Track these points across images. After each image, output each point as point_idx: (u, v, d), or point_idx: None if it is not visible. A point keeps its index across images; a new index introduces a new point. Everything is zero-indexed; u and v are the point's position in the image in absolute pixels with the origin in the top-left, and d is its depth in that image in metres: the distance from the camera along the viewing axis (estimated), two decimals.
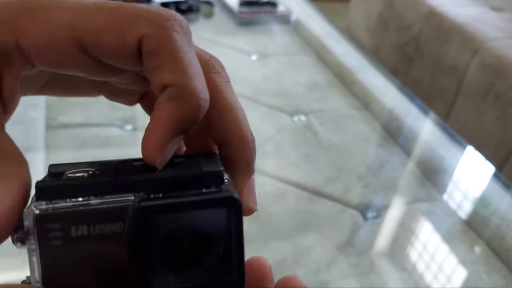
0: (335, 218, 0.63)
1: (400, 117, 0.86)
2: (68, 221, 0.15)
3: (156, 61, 0.16)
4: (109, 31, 0.16)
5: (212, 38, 1.05)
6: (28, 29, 0.16)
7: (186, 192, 0.16)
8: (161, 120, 0.16)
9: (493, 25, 1.55)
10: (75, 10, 0.16)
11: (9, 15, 0.16)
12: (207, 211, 0.16)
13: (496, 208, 0.67)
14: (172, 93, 0.16)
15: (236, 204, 0.16)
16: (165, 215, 0.16)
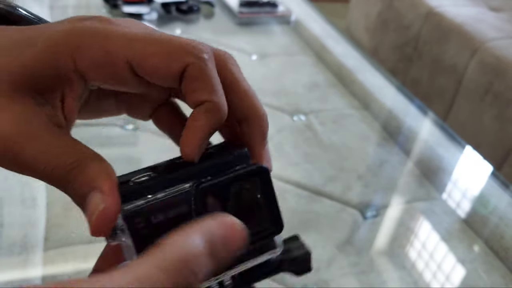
0: (335, 217, 0.63)
1: (399, 117, 0.86)
2: (147, 213, 0.20)
3: (197, 84, 0.21)
4: (157, 57, 0.20)
5: (212, 38, 1.06)
6: (85, 53, 0.20)
7: (226, 171, 0.22)
8: (199, 126, 0.21)
9: (492, 25, 1.55)
10: (125, 37, 0.20)
11: (66, 41, 0.20)
12: (245, 181, 0.22)
13: (495, 207, 0.68)
14: (208, 107, 0.21)
15: (265, 171, 0.22)
16: (217, 191, 0.21)
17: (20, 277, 0.50)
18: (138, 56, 0.20)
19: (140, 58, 0.20)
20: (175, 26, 1.08)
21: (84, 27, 0.20)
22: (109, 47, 0.20)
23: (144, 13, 1.07)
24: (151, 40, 0.21)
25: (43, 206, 0.58)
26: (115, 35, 0.20)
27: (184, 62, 0.21)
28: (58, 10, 1.09)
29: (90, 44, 0.20)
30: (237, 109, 0.23)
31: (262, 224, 0.22)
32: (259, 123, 0.24)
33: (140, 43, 0.20)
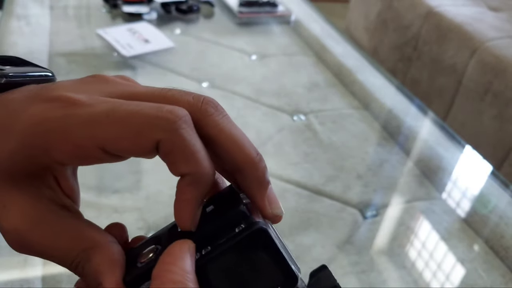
0: (335, 216, 0.63)
1: (399, 116, 0.86)
2: None
3: (172, 158, 0.20)
4: (126, 140, 0.20)
5: (212, 38, 1.06)
6: (56, 151, 0.20)
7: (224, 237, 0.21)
8: (187, 200, 0.21)
9: (491, 25, 1.56)
10: (90, 124, 0.20)
11: (41, 140, 0.20)
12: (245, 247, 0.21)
13: (495, 207, 0.68)
14: (190, 179, 0.21)
15: (262, 232, 0.21)
16: (218, 262, 0.21)
17: (20, 277, 0.50)
18: (107, 141, 0.20)
19: (109, 142, 0.20)
20: (175, 26, 1.08)
21: (49, 123, 0.20)
22: (77, 141, 0.20)
23: (144, 13, 1.07)
24: (117, 121, 0.20)
25: None
26: (80, 125, 0.20)
27: (154, 139, 0.20)
28: (59, 11, 1.09)
29: (59, 143, 0.20)
30: (228, 161, 0.22)
31: (275, 281, 0.21)
32: (253, 172, 0.22)
33: (106, 127, 0.20)
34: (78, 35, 1.00)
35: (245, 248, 0.21)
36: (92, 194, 0.61)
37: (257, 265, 0.21)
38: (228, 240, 0.21)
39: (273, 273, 0.21)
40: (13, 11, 1.04)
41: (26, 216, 0.21)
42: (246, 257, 0.21)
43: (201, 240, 0.21)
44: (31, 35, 0.96)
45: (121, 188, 0.63)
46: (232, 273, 0.21)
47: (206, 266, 0.21)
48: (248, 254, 0.21)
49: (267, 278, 0.21)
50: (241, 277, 0.21)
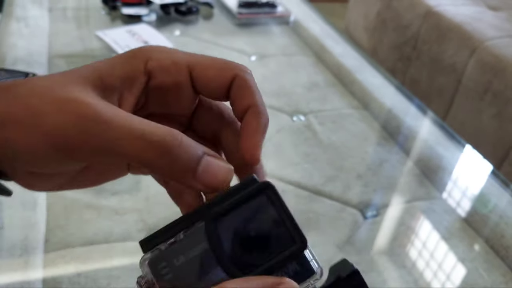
0: (335, 217, 0.63)
1: (399, 116, 0.86)
2: (169, 257, 0.21)
3: (243, 92, 0.25)
4: (212, 69, 0.25)
5: (211, 39, 1.06)
6: (155, 60, 0.24)
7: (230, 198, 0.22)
8: (254, 128, 0.24)
9: (491, 24, 1.56)
10: (186, 54, 0.25)
11: (140, 52, 0.24)
12: (253, 201, 0.22)
13: (495, 206, 0.68)
14: (254, 110, 0.25)
15: (269, 187, 0.22)
16: (225, 219, 0.21)
17: (21, 279, 0.50)
18: (198, 67, 0.25)
19: (199, 68, 0.25)
20: (174, 28, 1.08)
21: (152, 46, 0.25)
22: (175, 58, 0.25)
23: (143, 15, 1.07)
24: (206, 57, 0.25)
25: (43, 208, 0.58)
26: (178, 52, 0.25)
27: (233, 73, 0.25)
28: (58, 12, 1.09)
29: (159, 55, 0.25)
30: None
31: (284, 244, 0.21)
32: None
33: (198, 58, 0.25)
34: (77, 37, 1.00)
35: (252, 205, 0.21)
36: (92, 196, 0.61)
37: (266, 224, 0.21)
38: (233, 198, 0.22)
39: (282, 235, 0.21)
40: (12, 13, 1.04)
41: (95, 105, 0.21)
42: (253, 217, 0.21)
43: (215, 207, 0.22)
44: (30, 36, 0.96)
45: (121, 190, 0.63)
46: (242, 233, 0.21)
47: (216, 223, 0.21)
48: (255, 212, 0.21)
49: (276, 240, 0.21)
50: (246, 236, 0.21)
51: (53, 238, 0.54)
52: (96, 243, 0.55)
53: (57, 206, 0.58)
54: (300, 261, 0.22)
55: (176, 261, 0.21)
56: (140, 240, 0.22)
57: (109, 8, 1.10)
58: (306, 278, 0.22)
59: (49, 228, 0.55)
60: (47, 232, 0.55)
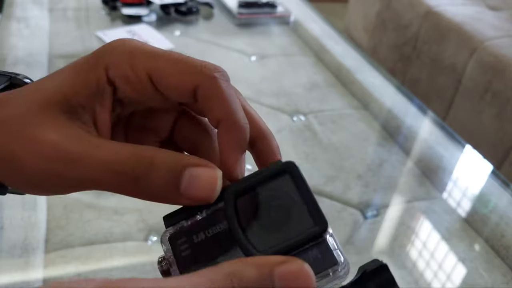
0: (335, 217, 0.63)
1: (399, 116, 0.86)
2: (189, 234, 0.21)
3: (210, 103, 0.22)
4: (173, 75, 0.22)
5: (211, 39, 1.06)
6: (114, 68, 0.22)
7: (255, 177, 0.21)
8: (229, 146, 0.22)
9: (491, 24, 1.56)
10: (147, 53, 0.22)
11: (98, 59, 0.22)
12: (275, 181, 0.21)
13: (495, 206, 0.68)
14: (225, 125, 0.22)
15: (293, 167, 0.21)
16: (245, 197, 0.21)
17: (21, 279, 0.50)
18: (156, 73, 0.22)
19: (158, 75, 0.22)
20: (174, 28, 1.08)
21: (112, 46, 0.23)
22: (133, 64, 0.22)
23: (143, 15, 1.07)
24: (169, 58, 0.22)
25: (43, 209, 0.58)
26: (139, 51, 0.22)
27: (194, 81, 0.22)
28: (58, 13, 1.09)
29: (117, 58, 0.22)
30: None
31: (304, 225, 0.20)
32: (271, 141, 0.24)
33: (159, 60, 0.22)
34: (78, 37, 1.00)
35: (275, 184, 0.21)
36: (92, 196, 0.61)
37: (286, 204, 0.21)
38: (256, 176, 0.21)
39: (302, 215, 0.20)
40: (13, 14, 1.04)
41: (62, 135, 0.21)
42: (275, 195, 0.21)
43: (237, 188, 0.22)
44: (31, 37, 0.96)
45: None
46: (259, 210, 0.21)
47: (231, 196, 0.21)
48: (277, 191, 0.21)
49: (296, 221, 0.20)
50: (270, 218, 0.21)
51: (54, 238, 0.54)
52: (96, 243, 0.55)
53: (57, 206, 0.59)
54: (322, 249, 0.20)
55: (195, 237, 0.21)
56: (164, 215, 0.22)
57: (109, 8, 1.10)
58: (326, 267, 0.20)
59: (49, 228, 0.55)
60: (47, 232, 0.55)
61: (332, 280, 0.20)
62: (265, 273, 0.17)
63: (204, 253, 0.21)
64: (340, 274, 0.21)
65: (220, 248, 0.21)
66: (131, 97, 0.23)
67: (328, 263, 0.20)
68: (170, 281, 0.16)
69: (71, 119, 0.21)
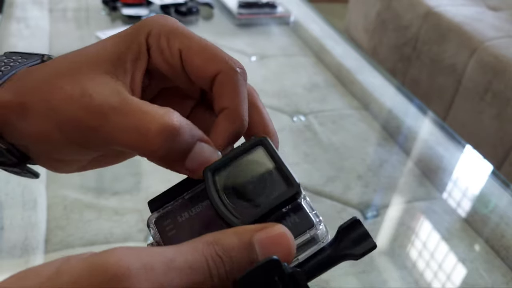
0: (335, 217, 0.63)
1: (399, 116, 0.86)
2: (173, 215, 0.22)
3: (223, 91, 0.23)
4: (201, 57, 0.24)
5: (211, 39, 1.05)
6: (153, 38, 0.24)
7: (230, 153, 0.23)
8: (218, 132, 0.23)
9: (491, 25, 1.56)
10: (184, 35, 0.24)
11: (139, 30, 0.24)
12: (249, 154, 0.23)
13: (495, 206, 0.68)
14: (227, 113, 0.23)
15: (266, 140, 0.23)
16: (222, 172, 0.22)
17: None
18: (187, 51, 0.24)
19: (188, 53, 0.24)
20: None
21: (154, 19, 0.25)
22: (170, 37, 0.24)
23: (143, 15, 1.07)
24: (201, 42, 0.24)
25: (43, 209, 0.58)
26: (176, 28, 0.24)
27: (217, 68, 0.23)
28: (58, 13, 1.09)
29: (157, 32, 0.24)
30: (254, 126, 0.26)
31: (278, 190, 0.21)
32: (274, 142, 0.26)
33: (192, 41, 0.24)
34: (78, 38, 1.00)
35: (249, 157, 0.22)
36: (92, 196, 0.61)
37: (261, 174, 0.22)
38: (232, 151, 0.23)
39: (276, 183, 0.22)
40: (13, 14, 1.04)
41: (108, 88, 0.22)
42: (249, 167, 0.22)
43: None
44: (31, 37, 0.96)
45: (121, 190, 0.63)
46: (238, 183, 0.22)
47: (210, 171, 0.22)
48: (252, 162, 0.22)
49: (272, 188, 0.22)
50: (248, 187, 0.22)
51: (54, 239, 0.54)
52: (96, 244, 0.55)
53: (57, 207, 0.58)
54: (299, 213, 0.21)
55: (179, 217, 0.22)
56: (148, 201, 0.23)
57: (109, 8, 1.11)
58: (304, 230, 0.21)
59: (49, 229, 0.55)
60: (47, 233, 0.55)
61: (311, 241, 0.21)
62: (245, 240, 0.18)
63: (189, 231, 0.22)
64: (318, 234, 0.22)
65: (203, 225, 0.22)
66: (161, 69, 0.24)
67: (306, 226, 0.21)
68: (155, 250, 0.17)
69: (113, 79, 0.23)
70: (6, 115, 0.22)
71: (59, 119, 0.22)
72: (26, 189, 0.59)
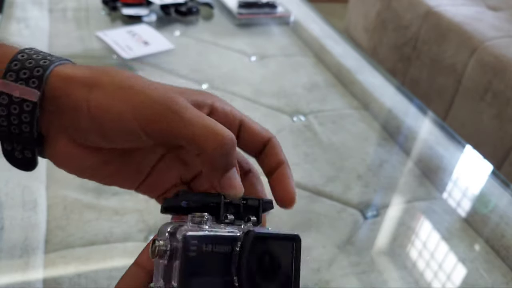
0: (335, 217, 0.63)
1: (399, 116, 0.86)
2: (201, 241, 0.24)
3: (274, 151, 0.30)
4: (258, 127, 0.30)
5: (211, 40, 1.06)
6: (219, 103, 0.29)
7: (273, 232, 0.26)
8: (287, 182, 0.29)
9: (491, 25, 1.56)
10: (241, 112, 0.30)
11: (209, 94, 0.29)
12: (282, 242, 0.26)
13: (495, 206, 0.68)
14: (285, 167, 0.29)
15: (298, 240, 0.26)
16: (259, 242, 0.25)
17: (21, 280, 0.50)
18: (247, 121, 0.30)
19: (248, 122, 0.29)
20: (174, 28, 1.08)
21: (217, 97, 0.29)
22: (232, 109, 0.29)
23: (143, 15, 1.07)
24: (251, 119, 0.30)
25: (43, 209, 0.58)
26: (233, 107, 0.29)
27: (269, 135, 0.30)
28: (58, 13, 1.09)
29: (222, 103, 0.29)
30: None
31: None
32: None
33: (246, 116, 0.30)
34: (78, 38, 1.00)
35: (281, 244, 0.26)
36: (92, 196, 0.61)
37: (279, 265, 0.25)
38: (274, 232, 0.26)
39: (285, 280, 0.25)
40: (13, 14, 1.04)
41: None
42: (276, 253, 0.25)
43: None
44: (31, 37, 0.96)
45: (121, 190, 0.63)
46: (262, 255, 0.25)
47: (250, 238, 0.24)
48: (280, 251, 0.25)
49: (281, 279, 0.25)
50: (265, 263, 0.25)
51: (54, 239, 0.54)
52: (96, 244, 0.55)
53: (57, 207, 0.59)
54: None
55: (205, 246, 0.24)
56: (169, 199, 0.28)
57: (109, 8, 1.11)
58: None
59: (49, 229, 0.55)
60: (47, 233, 0.55)
61: None
62: None
63: (205, 263, 0.24)
64: None
65: (217, 266, 0.24)
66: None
67: None
68: None
69: None
70: (77, 83, 0.25)
71: (139, 100, 0.24)
72: (26, 190, 0.59)
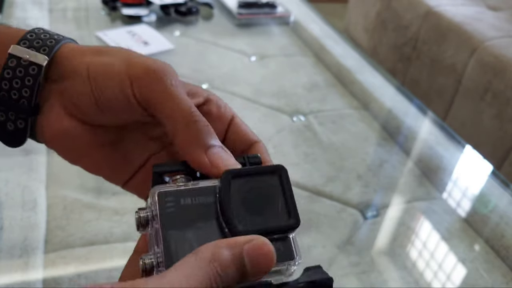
0: (335, 217, 0.63)
1: (399, 116, 0.86)
2: (177, 195, 0.23)
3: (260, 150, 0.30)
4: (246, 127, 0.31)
5: (211, 40, 1.06)
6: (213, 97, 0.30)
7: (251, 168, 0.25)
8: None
9: (491, 25, 1.56)
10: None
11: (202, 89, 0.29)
12: (266, 177, 0.25)
13: (495, 206, 0.68)
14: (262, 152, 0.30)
15: (284, 170, 0.25)
16: (239, 180, 0.24)
17: (21, 280, 0.50)
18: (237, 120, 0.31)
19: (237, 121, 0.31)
20: (174, 28, 1.08)
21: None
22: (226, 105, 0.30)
23: (143, 15, 1.07)
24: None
25: (43, 209, 0.58)
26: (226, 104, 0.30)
27: (256, 138, 0.30)
28: (58, 13, 1.09)
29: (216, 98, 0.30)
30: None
31: (280, 217, 0.24)
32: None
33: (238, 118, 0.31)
34: (78, 38, 0.99)
35: (264, 178, 0.24)
36: (92, 196, 0.61)
37: (269, 198, 0.24)
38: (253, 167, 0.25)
39: (280, 210, 0.24)
40: (13, 14, 1.04)
41: None
42: (262, 187, 0.24)
43: None
44: None
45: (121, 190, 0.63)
46: (246, 194, 0.24)
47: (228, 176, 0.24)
48: (265, 184, 0.24)
49: (275, 212, 0.24)
50: (251, 201, 0.24)
51: (53, 239, 0.54)
52: (96, 244, 0.55)
53: (57, 207, 0.58)
54: (285, 244, 0.24)
55: (182, 200, 0.23)
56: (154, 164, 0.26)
57: (109, 8, 1.10)
58: (283, 260, 0.23)
59: (49, 229, 0.55)
60: (47, 233, 0.55)
61: (283, 272, 0.24)
62: (237, 254, 0.20)
63: (186, 216, 0.23)
64: (291, 271, 0.24)
65: (200, 216, 0.23)
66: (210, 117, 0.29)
67: (286, 257, 0.23)
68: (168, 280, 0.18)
69: None
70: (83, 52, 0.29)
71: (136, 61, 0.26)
72: (26, 190, 0.59)
